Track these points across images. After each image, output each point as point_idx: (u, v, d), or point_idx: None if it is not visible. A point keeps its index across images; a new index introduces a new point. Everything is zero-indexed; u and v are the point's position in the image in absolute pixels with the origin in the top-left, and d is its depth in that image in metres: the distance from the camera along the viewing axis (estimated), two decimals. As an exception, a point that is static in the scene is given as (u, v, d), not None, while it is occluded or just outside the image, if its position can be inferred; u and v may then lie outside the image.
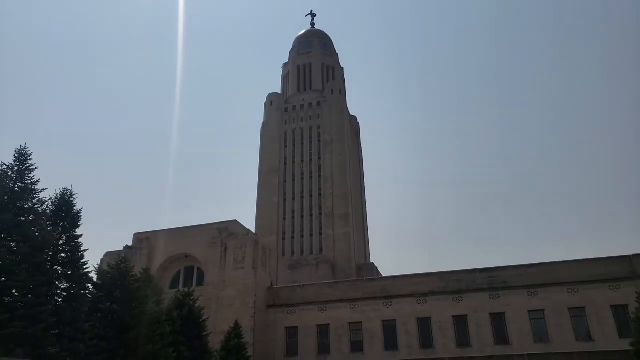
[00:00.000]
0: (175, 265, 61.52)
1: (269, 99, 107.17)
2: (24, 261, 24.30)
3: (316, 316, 53.44)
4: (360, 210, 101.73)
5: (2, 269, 23.43)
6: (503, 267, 50.46)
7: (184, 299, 43.34)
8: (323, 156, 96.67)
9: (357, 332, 51.79)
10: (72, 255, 29.85)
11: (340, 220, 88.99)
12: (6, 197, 25.31)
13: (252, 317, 52.34)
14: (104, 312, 32.03)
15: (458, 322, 49.08)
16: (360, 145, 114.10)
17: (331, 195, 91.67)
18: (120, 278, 33.39)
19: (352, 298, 53.16)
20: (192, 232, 60.70)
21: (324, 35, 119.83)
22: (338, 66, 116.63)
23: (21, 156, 27.05)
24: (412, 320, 50.26)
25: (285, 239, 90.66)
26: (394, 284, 53.20)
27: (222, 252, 57.52)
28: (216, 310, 52.91)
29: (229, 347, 43.89)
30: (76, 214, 31.21)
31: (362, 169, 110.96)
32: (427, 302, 50.67)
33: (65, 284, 29.02)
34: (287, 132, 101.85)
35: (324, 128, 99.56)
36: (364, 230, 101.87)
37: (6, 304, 23.31)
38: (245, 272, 55.36)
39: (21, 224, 25.15)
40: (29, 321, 23.17)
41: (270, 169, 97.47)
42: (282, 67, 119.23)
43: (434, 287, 51.21)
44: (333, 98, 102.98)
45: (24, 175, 26.66)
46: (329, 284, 58.36)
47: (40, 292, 25.11)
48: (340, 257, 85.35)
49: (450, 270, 52.39)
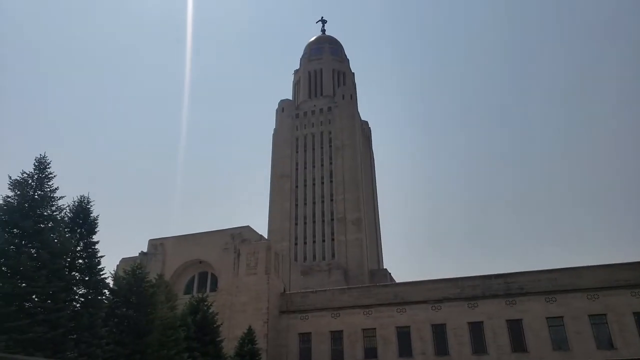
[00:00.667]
0: (189, 270, 61.85)
1: (280, 106, 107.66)
2: (43, 267, 24.52)
3: (329, 322, 53.29)
4: (372, 215, 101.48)
5: (22, 274, 23.70)
6: (519, 273, 49.89)
7: (197, 305, 43.47)
8: (334, 161, 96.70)
9: (371, 339, 51.52)
10: (90, 261, 30.04)
11: (352, 226, 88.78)
12: (26, 205, 25.61)
13: (265, 323, 52.35)
14: (120, 318, 32.23)
15: (473, 328, 48.59)
16: (371, 150, 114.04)
17: (343, 201, 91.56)
18: (135, 284, 33.58)
19: (366, 304, 52.94)
20: (205, 238, 61.03)
21: (335, 41, 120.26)
22: (349, 71, 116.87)
23: (40, 164, 27.37)
24: (426, 326, 49.88)
25: (298, 245, 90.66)
26: (408, 290, 52.88)
27: (235, 257, 57.73)
28: (230, 315, 53.04)
29: (242, 353, 43.94)
30: (93, 220, 31.46)
31: (373, 174, 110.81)
32: (442, 308, 50.26)
33: (82, 289, 29.20)
34: (299, 137, 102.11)
35: (335, 133, 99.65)
36: (376, 236, 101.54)
37: (26, 309, 23.56)
38: (258, 278, 55.44)
39: (41, 231, 25.42)
40: (48, 326, 23.37)
41: (282, 175, 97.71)
42: (293, 73, 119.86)
43: (448, 293, 50.80)
44: (344, 103, 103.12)
45: (43, 183, 26.95)
46: (341, 290, 58.19)
47: (58, 297, 25.31)
48: (352, 262, 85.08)
49: (464, 276, 51.92)
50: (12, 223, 24.88)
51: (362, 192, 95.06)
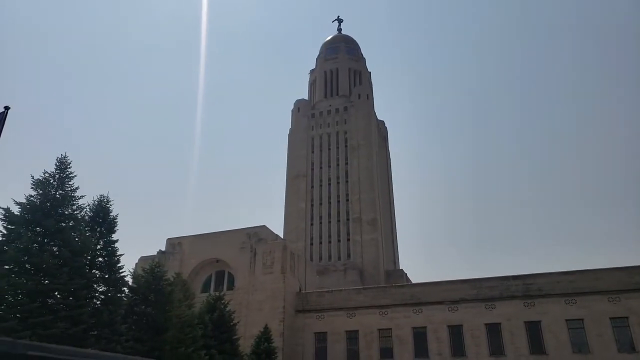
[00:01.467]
0: (206, 269, 62.42)
1: (296, 106, 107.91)
2: (65, 265, 25.08)
3: (345, 322, 53.29)
4: (388, 215, 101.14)
5: (45, 272, 24.29)
6: (538, 274, 49.25)
7: (215, 303, 43.87)
8: (350, 161, 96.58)
9: (386, 339, 51.40)
10: (109, 259, 30.65)
11: (368, 226, 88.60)
12: (48, 204, 26.21)
13: (281, 322, 52.59)
14: (139, 315, 32.75)
15: (491, 330, 48.15)
16: (388, 149, 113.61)
17: (358, 201, 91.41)
18: (154, 282, 34.07)
19: (382, 304, 52.81)
20: (222, 237, 61.53)
21: (351, 40, 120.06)
22: (365, 71, 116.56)
23: (61, 164, 27.99)
24: (443, 327, 49.57)
25: (313, 245, 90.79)
26: (424, 291, 52.61)
27: (252, 256, 58.12)
28: (246, 314, 53.40)
29: (259, 351, 44.20)
30: (112, 219, 32.09)
31: (390, 174, 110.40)
32: (459, 309, 49.90)
33: (102, 287, 29.83)
34: (314, 137, 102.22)
35: (351, 133, 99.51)
36: (392, 236, 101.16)
37: (49, 305, 24.14)
38: (274, 277, 55.73)
39: (62, 230, 26.00)
40: (70, 322, 23.91)
41: (298, 175, 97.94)
42: (309, 73, 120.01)
43: (465, 294, 50.41)
44: (360, 103, 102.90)
45: (64, 183, 27.57)
46: (357, 290, 58.14)
47: (80, 294, 25.87)
48: (368, 263, 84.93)
49: (482, 277, 51.46)
50: (35, 222, 25.48)
51: (378, 192, 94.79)
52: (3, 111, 20.22)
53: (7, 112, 20.28)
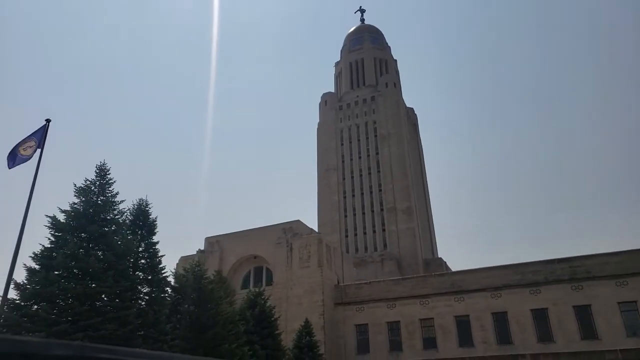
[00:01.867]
0: (244, 266, 63.18)
1: (323, 99, 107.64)
2: (110, 268, 25.70)
3: (385, 313, 52.97)
4: (423, 203, 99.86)
5: (92, 276, 24.97)
6: (585, 256, 47.50)
7: (255, 299, 44.25)
8: (381, 151, 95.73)
9: (429, 329, 50.81)
10: (151, 261, 31.24)
11: (404, 215, 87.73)
12: (91, 210, 26.89)
13: (321, 315, 52.71)
14: (182, 314, 33.31)
15: (537, 315, 46.86)
16: (419, 137, 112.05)
17: (392, 190, 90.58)
18: (195, 281, 34.54)
19: (422, 294, 52.19)
20: (258, 234, 62.09)
21: (375, 29, 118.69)
22: (391, 59, 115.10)
23: (101, 171, 28.66)
24: (487, 315, 48.60)
25: (348, 237, 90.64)
26: (465, 279, 51.65)
27: (288, 251, 58.44)
28: (286, 309, 53.78)
29: (301, 345, 44.43)
30: (152, 222, 32.71)
31: (422, 162, 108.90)
32: (502, 295, 48.77)
33: (146, 288, 30.44)
34: (343, 129, 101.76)
35: (380, 122, 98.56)
36: (429, 225, 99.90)
37: (97, 308, 24.80)
38: (312, 271, 55.89)
39: (105, 234, 26.64)
40: (117, 323, 24.50)
41: (328, 168, 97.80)
42: (334, 66, 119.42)
43: (508, 280, 49.21)
44: (387, 91, 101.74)
45: (105, 189, 28.22)
46: (396, 280, 57.65)
47: (125, 296, 26.48)
48: (405, 252, 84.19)
49: (525, 262, 50.10)
50: (79, 228, 26.21)
51: (411, 181, 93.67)
52: (45, 124, 20.85)
53: (49, 124, 20.91)
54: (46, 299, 23.44)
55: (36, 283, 23.88)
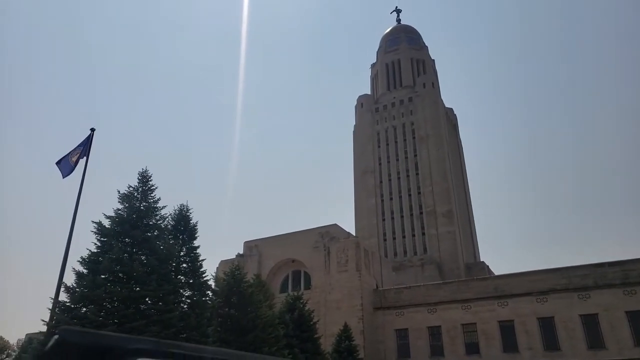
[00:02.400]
0: (283, 270, 63.65)
1: (359, 101, 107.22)
2: (153, 272, 26.42)
3: (426, 318, 52.07)
4: (464, 206, 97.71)
5: (136, 280, 25.78)
6: (638, 260, 45.14)
7: (294, 303, 44.41)
8: (419, 153, 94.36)
9: (471, 334, 49.60)
10: (193, 265, 31.93)
11: (444, 219, 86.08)
12: (134, 216, 27.79)
13: (360, 320, 52.39)
14: (223, 317, 33.79)
15: (587, 321, 44.89)
16: (459, 138, 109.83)
17: (431, 193, 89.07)
18: (235, 284, 35.01)
19: (464, 298, 51.02)
20: (296, 238, 62.45)
21: (411, 29, 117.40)
22: (428, 59, 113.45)
23: (143, 178, 29.60)
24: (532, 320, 46.98)
25: (387, 240, 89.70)
26: (509, 283, 50.12)
27: (326, 255, 58.44)
28: (325, 313, 53.74)
29: (340, 350, 44.26)
30: (193, 227, 33.48)
31: (462, 163, 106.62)
32: (548, 300, 47.02)
33: (188, 291, 31.12)
34: (380, 132, 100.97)
35: (418, 124, 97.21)
36: (470, 228, 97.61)
37: (142, 311, 25.58)
38: (350, 275, 55.65)
39: (148, 239, 27.44)
40: (161, 326, 25.14)
41: (365, 171, 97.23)
42: (370, 67, 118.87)
43: (554, 284, 47.42)
44: (425, 92, 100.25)
45: (147, 195, 29.10)
46: (437, 284, 56.61)
47: (168, 299, 27.14)
48: (446, 256, 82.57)
49: (572, 266, 48.12)
50: (124, 233, 27.10)
51: (452, 183, 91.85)
52: (89, 133, 21.72)
53: (93, 133, 21.77)
54: (94, 302, 24.35)
55: (84, 286, 24.84)
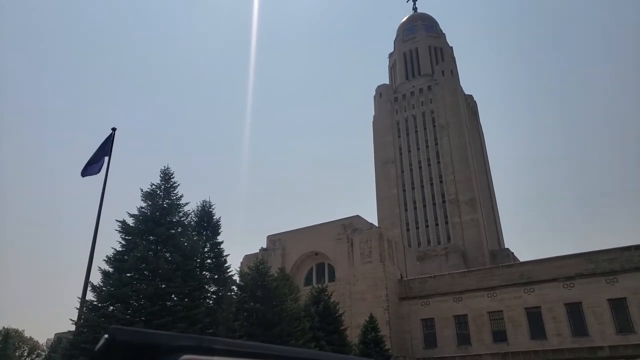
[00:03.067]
0: (306, 262, 64.06)
1: (378, 91, 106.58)
2: (178, 269, 26.92)
3: (452, 307, 51.85)
4: (487, 193, 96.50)
5: (161, 277, 26.32)
6: (666, 242, 44.06)
7: (318, 295, 44.69)
8: (440, 141, 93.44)
9: (498, 322, 49.23)
10: (217, 260, 32.45)
11: (467, 207, 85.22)
12: (157, 213, 28.30)
13: (385, 310, 52.46)
14: (249, 312, 34.19)
15: (615, 306, 44.10)
16: (479, 125, 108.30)
17: (453, 181, 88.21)
18: (259, 279, 35.38)
19: (490, 286, 50.62)
20: (318, 230, 62.69)
21: (428, 17, 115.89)
22: (446, 46, 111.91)
23: (165, 175, 30.09)
24: (559, 306, 46.37)
25: (410, 230, 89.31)
26: (535, 269, 49.47)
27: (349, 247, 58.57)
28: (350, 304, 53.97)
29: (366, 341, 44.38)
30: (216, 222, 33.97)
31: (484, 150, 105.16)
32: (575, 285, 46.29)
33: (213, 287, 31.66)
34: (400, 121, 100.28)
35: (438, 112, 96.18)
36: (494, 215, 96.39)
37: (168, 307, 26.12)
38: (374, 266, 55.70)
39: (172, 236, 27.96)
40: (188, 322, 25.66)
41: (386, 161, 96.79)
42: (387, 57, 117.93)
43: (581, 269, 46.63)
44: (444, 80, 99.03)
45: (169, 193, 29.59)
46: (462, 273, 56.23)
47: (194, 295, 27.67)
48: (470, 244, 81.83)
49: (598, 250, 47.22)
50: (148, 231, 27.62)
51: (474, 170, 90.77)
52: (111, 133, 22.23)
53: (114, 133, 22.27)
54: (120, 300, 24.95)
55: (111, 285, 25.45)
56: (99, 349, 1.33)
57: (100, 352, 1.31)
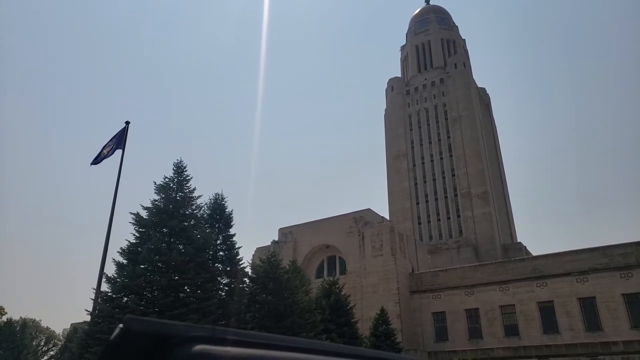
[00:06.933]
0: (318, 255, 64.23)
1: (389, 85, 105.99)
2: (191, 261, 27.18)
3: (463, 300, 51.72)
4: (499, 187, 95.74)
5: (174, 269, 26.61)
6: (682, 236, 43.39)
7: (330, 288, 44.78)
8: (452, 134, 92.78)
9: (510, 315, 49.02)
10: (229, 252, 32.70)
11: (479, 200, 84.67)
12: (171, 206, 28.57)
13: (397, 303, 52.48)
14: (260, 304, 34.42)
15: (630, 301, 43.63)
16: (492, 118, 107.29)
17: (465, 175, 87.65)
18: (271, 271, 35.55)
19: (502, 280, 50.38)
20: (329, 223, 62.79)
21: (440, 9, 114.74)
22: (459, 39, 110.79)
23: (178, 169, 30.35)
24: (572, 300, 46.01)
25: (421, 224, 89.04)
26: (547, 263, 49.10)
27: (360, 240, 58.59)
28: (361, 297, 54.08)
29: (377, 333, 44.43)
30: (228, 215, 34.19)
31: (497, 143, 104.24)
32: (589, 280, 45.87)
33: (225, 279, 31.91)
34: (411, 114, 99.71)
35: (450, 105, 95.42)
36: (506, 209, 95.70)
37: (181, 299, 26.45)
38: (385, 259, 55.68)
39: (185, 229, 28.23)
40: (201, 313, 25.97)
41: (398, 155, 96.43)
42: (399, 50, 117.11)
43: (595, 263, 46.18)
44: (457, 72, 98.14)
45: (182, 186, 29.86)
46: (473, 267, 56.01)
47: (206, 287, 27.95)
48: (482, 238, 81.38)
49: (612, 244, 46.69)
50: (161, 223, 27.88)
51: (486, 164, 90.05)
52: (124, 126, 22.41)
53: (128, 126, 22.45)
54: (134, 292, 25.30)
55: (125, 276, 25.79)
56: (114, 338, 1.33)
57: (115, 342, 1.33)
